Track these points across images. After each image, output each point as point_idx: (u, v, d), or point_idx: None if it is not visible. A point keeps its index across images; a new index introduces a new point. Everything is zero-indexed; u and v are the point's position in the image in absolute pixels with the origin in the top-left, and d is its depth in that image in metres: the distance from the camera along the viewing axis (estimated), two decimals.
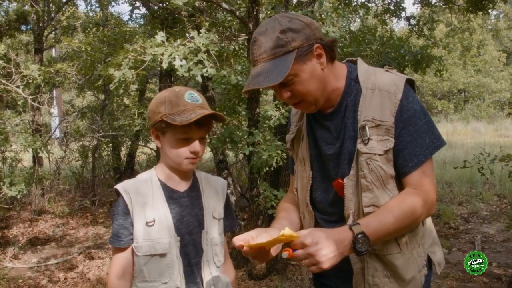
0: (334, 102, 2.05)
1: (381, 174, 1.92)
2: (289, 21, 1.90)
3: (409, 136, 1.92)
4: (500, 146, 13.68)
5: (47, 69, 7.12)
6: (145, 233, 2.09)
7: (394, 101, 1.92)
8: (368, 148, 1.91)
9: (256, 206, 5.99)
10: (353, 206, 1.98)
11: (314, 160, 2.16)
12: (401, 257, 1.98)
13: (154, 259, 2.09)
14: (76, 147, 11.15)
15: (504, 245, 7.46)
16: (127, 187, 2.14)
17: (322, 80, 1.96)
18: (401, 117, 1.92)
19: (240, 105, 6.24)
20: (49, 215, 9.64)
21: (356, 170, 1.96)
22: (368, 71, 2.05)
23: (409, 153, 1.92)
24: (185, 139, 2.10)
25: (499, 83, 33.28)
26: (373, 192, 1.93)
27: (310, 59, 1.91)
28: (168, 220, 2.12)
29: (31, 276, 6.57)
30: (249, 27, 5.60)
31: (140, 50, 4.88)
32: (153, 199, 2.14)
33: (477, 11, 8.33)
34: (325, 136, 2.10)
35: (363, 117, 1.94)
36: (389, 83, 1.96)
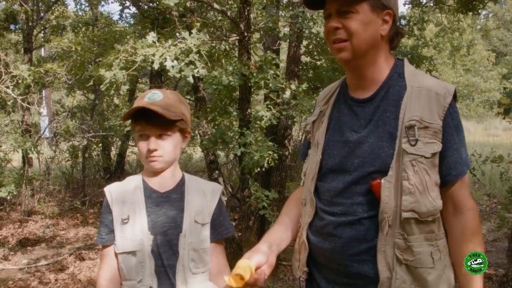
0: (371, 89, 1.97)
1: (426, 179, 1.81)
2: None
3: (457, 143, 1.86)
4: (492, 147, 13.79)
5: (37, 69, 7.09)
6: (121, 230, 2.11)
7: (443, 104, 1.84)
8: (415, 149, 1.80)
9: (247, 207, 5.99)
10: (390, 210, 1.82)
11: (330, 146, 2.03)
12: (434, 272, 1.85)
13: (129, 257, 2.10)
14: (66, 147, 11.10)
15: (494, 244, 7.50)
16: (112, 187, 2.20)
17: (374, 39, 1.90)
18: (450, 122, 1.85)
19: (231, 106, 6.24)
20: (39, 215, 9.60)
21: (397, 171, 1.83)
22: (415, 71, 1.98)
23: (454, 161, 1.85)
24: (141, 136, 2.12)
25: (488, 83, 33.47)
26: (415, 197, 1.80)
27: (377, 15, 1.88)
28: (142, 218, 2.12)
29: (21, 277, 6.55)
30: (240, 27, 5.59)
31: (131, 50, 4.86)
32: (132, 198, 2.15)
33: (467, 12, 8.35)
34: (352, 122, 1.99)
35: (409, 116, 1.83)
36: (439, 85, 1.89)
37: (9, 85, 6.89)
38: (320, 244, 2.00)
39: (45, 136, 11.67)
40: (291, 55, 6.73)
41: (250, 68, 5.36)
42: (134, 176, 2.27)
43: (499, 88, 31.10)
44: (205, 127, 6.32)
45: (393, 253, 1.82)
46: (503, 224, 5.96)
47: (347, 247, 1.90)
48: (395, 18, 1.92)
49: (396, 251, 1.82)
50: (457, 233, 1.89)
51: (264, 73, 5.36)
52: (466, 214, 1.87)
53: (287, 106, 5.84)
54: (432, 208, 1.81)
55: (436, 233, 1.87)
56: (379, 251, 1.84)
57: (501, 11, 39.05)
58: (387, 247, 1.83)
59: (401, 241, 1.82)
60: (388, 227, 1.82)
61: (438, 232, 1.88)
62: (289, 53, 6.85)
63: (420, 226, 1.82)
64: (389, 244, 1.83)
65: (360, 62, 1.94)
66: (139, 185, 2.19)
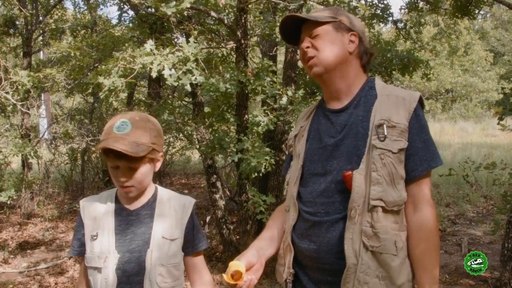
0: (345, 100, 2.19)
1: (392, 171, 1.98)
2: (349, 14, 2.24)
3: (422, 143, 2.03)
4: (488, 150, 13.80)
5: (36, 74, 7.13)
6: (90, 246, 2.18)
7: (408, 108, 2.04)
8: (383, 144, 1.99)
9: (245, 211, 6.04)
10: (359, 199, 1.98)
11: (310, 153, 2.21)
12: (397, 259, 1.99)
13: (95, 272, 2.16)
14: (65, 150, 11.13)
15: (490, 247, 7.54)
16: (86, 201, 2.27)
17: (342, 55, 2.15)
18: (414, 124, 2.04)
19: (228, 112, 6.29)
20: (38, 218, 9.65)
21: (367, 165, 2.00)
22: (385, 84, 2.22)
23: (420, 158, 2.02)
24: (114, 167, 2.13)
25: (486, 83, 33.46)
26: (382, 186, 1.97)
27: (342, 34, 2.16)
28: (110, 236, 2.17)
29: (21, 281, 6.59)
30: (237, 34, 5.65)
31: (129, 58, 4.91)
32: (103, 214, 2.21)
33: (463, 16, 8.41)
34: (329, 130, 2.18)
35: (379, 117, 2.04)
36: (405, 93, 2.11)
37: (8, 90, 6.93)
38: (305, 245, 2.13)
39: (45, 139, 11.70)
40: (288, 61, 6.79)
41: (247, 75, 5.42)
42: (110, 190, 2.31)
43: (497, 88, 31.17)
44: (203, 132, 6.37)
45: (360, 240, 1.97)
46: (497, 228, 6.02)
47: (332, 245, 2.04)
48: (361, 39, 2.19)
49: (363, 238, 1.97)
50: (415, 228, 2.03)
51: (261, 80, 5.42)
52: (425, 210, 2.02)
53: (284, 111, 5.89)
54: (398, 198, 1.99)
55: (400, 225, 2.02)
56: (346, 239, 1.99)
57: (499, 11, 39.03)
58: (355, 235, 1.98)
59: (368, 229, 1.97)
60: (356, 214, 1.99)
61: (401, 224, 2.03)
62: (286, 58, 6.90)
63: (386, 215, 1.99)
64: (357, 232, 1.98)
65: (332, 75, 2.18)
66: (112, 201, 2.25)
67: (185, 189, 12.60)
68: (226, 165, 10.62)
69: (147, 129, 2.15)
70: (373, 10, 8.47)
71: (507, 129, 5.19)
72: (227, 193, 8.36)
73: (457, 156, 14.09)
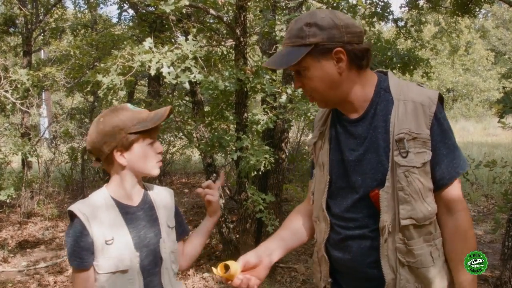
0: (361, 109, 2.06)
1: (419, 187, 1.92)
2: (322, 17, 1.94)
3: (446, 149, 1.96)
4: (489, 149, 13.78)
5: (35, 73, 7.12)
6: (105, 252, 2.12)
7: (428, 114, 1.94)
8: (406, 161, 1.91)
9: (244, 210, 6.03)
10: (389, 218, 1.95)
11: (334, 165, 2.15)
12: (434, 269, 1.99)
13: (116, 276, 2.13)
14: (65, 149, 11.13)
15: (491, 246, 7.52)
16: (82, 208, 2.14)
17: (334, 83, 1.99)
18: (436, 129, 1.95)
19: (228, 110, 6.28)
20: (38, 217, 9.64)
21: (392, 182, 1.94)
22: (400, 82, 2.07)
23: (446, 166, 1.96)
24: (151, 143, 2.21)
25: (487, 82, 33.45)
26: (411, 205, 1.92)
27: (327, 58, 1.94)
28: (126, 237, 2.17)
29: (21, 279, 6.58)
30: (236, 32, 5.63)
31: (128, 56, 4.90)
32: (109, 217, 2.17)
33: (463, 14, 8.39)
34: (348, 142, 2.09)
35: (398, 129, 1.94)
36: (423, 96, 1.98)
37: (8, 89, 6.93)
38: (340, 255, 2.14)
39: (45, 138, 11.70)
40: None
41: (246, 73, 5.40)
42: (97, 192, 2.25)
43: (498, 87, 31.13)
44: (202, 130, 6.36)
45: (395, 257, 1.97)
46: (498, 226, 6.01)
47: (365, 255, 2.04)
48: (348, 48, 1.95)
49: (398, 255, 1.96)
50: (450, 231, 2.01)
51: (260, 78, 5.40)
52: (458, 214, 1.99)
53: (284, 109, 5.88)
54: (428, 213, 1.95)
55: (434, 234, 2.00)
56: (382, 255, 1.99)
57: (500, 11, 39.02)
58: (390, 252, 1.98)
59: (402, 246, 1.96)
60: (388, 233, 1.96)
61: (435, 232, 2.01)
62: None
63: (418, 230, 1.96)
64: (391, 249, 1.97)
65: (337, 101, 2.08)
66: (110, 202, 2.21)
67: (185, 188, 12.59)
68: (226, 164, 10.62)
69: None
70: (373, 8, 8.44)
71: (507, 127, 5.19)
72: (227, 192, 8.36)
73: None
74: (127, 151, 2.17)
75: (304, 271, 6.61)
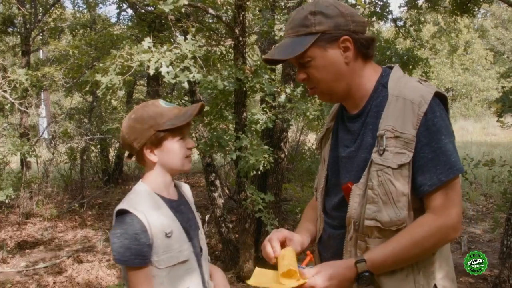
0: (360, 104, 1.98)
1: (390, 189, 1.80)
2: (327, 6, 1.87)
3: (432, 153, 1.80)
4: (488, 148, 13.78)
5: (34, 73, 7.12)
6: (165, 245, 2.11)
7: (417, 113, 1.81)
8: (381, 159, 1.81)
9: (244, 209, 6.02)
10: (356, 215, 1.88)
11: (331, 162, 2.10)
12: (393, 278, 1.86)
13: (176, 268, 2.14)
14: (64, 149, 11.13)
15: (490, 245, 7.54)
16: (135, 205, 2.11)
17: (341, 74, 1.91)
18: (424, 131, 1.80)
19: (227, 110, 6.27)
20: (37, 218, 9.63)
21: (366, 179, 1.86)
22: (400, 78, 1.95)
23: (429, 171, 1.80)
24: (181, 139, 2.19)
25: (486, 82, 33.48)
26: (378, 206, 1.82)
27: (333, 47, 1.87)
28: (179, 229, 2.19)
29: (20, 280, 6.57)
30: (235, 32, 5.63)
31: (127, 56, 4.90)
32: (162, 211, 2.17)
33: (462, 14, 8.40)
34: (345, 137, 2.04)
35: (383, 125, 1.84)
36: (415, 93, 1.85)
37: (6, 89, 6.92)
38: (325, 255, 2.10)
39: (44, 138, 11.69)
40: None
41: (245, 73, 5.40)
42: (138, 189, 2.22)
43: (497, 87, 31.17)
44: (201, 130, 6.36)
45: (355, 253, 1.89)
46: (497, 226, 6.02)
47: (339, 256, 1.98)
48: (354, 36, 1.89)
49: (358, 252, 1.89)
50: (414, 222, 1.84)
51: (259, 77, 5.40)
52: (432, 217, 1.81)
53: (283, 109, 5.88)
54: (396, 218, 1.82)
55: None
56: (345, 251, 1.95)
57: (499, 10, 39.04)
58: (352, 248, 1.92)
59: (362, 243, 1.89)
60: (353, 231, 1.90)
61: None
62: None
63: (382, 232, 1.85)
64: (354, 245, 1.91)
65: (341, 94, 1.98)
66: (157, 198, 2.20)
67: None
68: (225, 164, 10.62)
69: None
70: (372, 8, 8.44)
71: (506, 126, 5.19)
72: (226, 192, 8.36)
73: None
74: (157, 148, 2.16)
75: None
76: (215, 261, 7.06)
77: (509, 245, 5.37)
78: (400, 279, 1.87)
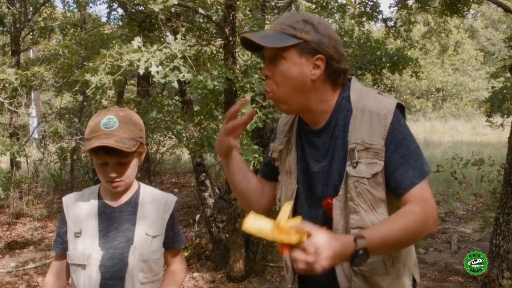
0: (322, 120, 2.03)
1: (369, 198, 1.90)
2: (320, 22, 1.95)
3: (401, 158, 1.89)
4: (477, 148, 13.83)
5: (24, 72, 7.09)
6: (73, 243, 2.20)
7: (384, 124, 1.89)
8: (356, 172, 1.89)
9: (234, 209, 6.02)
10: (341, 226, 1.94)
11: (301, 175, 2.13)
12: (387, 278, 1.97)
13: (78, 269, 2.19)
14: (55, 149, 11.09)
15: (480, 244, 7.58)
16: (68, 198, 2.28)
17: (303, 87, 1.94)
18: (391, 140, 1.89)
19: (217, 110, 6.27)
20: (27, 218, 9.61)
21: (345, 192, 1.93)
22: (361, 91, 2.02)
23: (400, 175, 1.88)
24: (102, 164, 2.14)
25: (476, 82, 33.64)
26: (360, 215, 1.89)
27: (307, 59, 1.91)
28: (93, 233, 2.20)
29: (9, 280, 6.56)
30: (225, 32, 5.63)
31: (116, 55, 4.89)
32: (86, 211, 2.23)
33: (452, 14, 8.43)
34: (312, 153, 2.07)
35: (353, 139, 1.91)
36: (379, 106, 1.93)
37: None
38: None
39: (34, 138, 11.65)
40: None
41: (235, 72, 5.40)
42: (92, 187, 2.32)
43: (487, 87, 31.31)
44: (191, 130, 6.35)
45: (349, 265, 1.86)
46: (486, 225, 6.05)
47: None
48: (329, 61, 1.93)
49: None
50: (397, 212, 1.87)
51: (249, 77, 5.40)
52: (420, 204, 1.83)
53: (273, 109, 5.88)
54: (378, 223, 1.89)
55: None
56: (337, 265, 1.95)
57: (489, 11, 39.23)
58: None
59: None
60: None
61: None
62: None
63: None
64: None
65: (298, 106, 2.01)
66: (95, 199, 2.26)
67: (175, 188, 12.57)
68: (215, 164, 10.60)
69: (134, 123, 2.19)
70: (363, 8, 8.46)
71: (495, 126, 5.22)
72: (216, 192, 8.34)
73: (447, 154, 14.12)
74: None
75: None
76: (205, 261, 7.06)
77: (498, 244, 5.40)
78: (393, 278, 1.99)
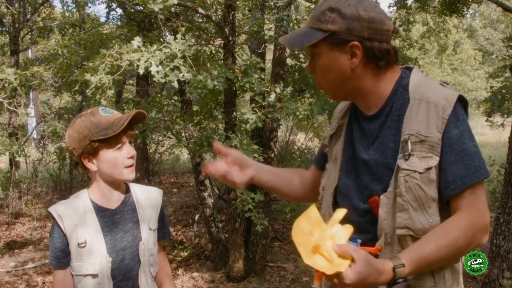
0: (375, 106, 1.89)
1: (419, 195, 1.71)
2: (349, 5, 1.77)
3: (455, 156, 1.71)
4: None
5: (23, 72, 7.08)
6: (77, 254, 2.15)
7: (442, 116, 1.73)
8: (407, 164, 1.73)
9: (233, 209, 6.02)
10: (388, 226, 1.77)
11: (345, 162, 1.99)
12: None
13: (87, 279, 2.16)
14: (54, 148, 11.09)
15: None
16: (60, 210, 2.18)
17: (345, 77, 1.84)
18: (448, 134, 1.72)
19: (217, 109, 6.27)
20: (26, 218, 9.60)
21: (394, 188, 1.76)
22: (421, 80, 1.86)
23: (451, 174, 1.71)
24: (118, 149, 2.15)
25: (475, 82, 33.63)
26: (409, 213, 1.72)
27: (341, 51, 1.80)
28: (99, 241, 2.18)
29: (9, 280, 6.55)
30: (225, 31, 5.63)
31: (116, 55, 4.88)
32: (85, 220, 2.18)
33: (451, 14, 8.43)
34: (361, 138, 1.94)
35: (407, 130, 1.76)
36: (439, 96, 1.76)
37: None
38: None
39: (33, 138, 11.65)
40: (276, 58, 6.76)
41: (235, 72, 5.40)
42: (79, 194, 2.28)
43: (486, 87, 31.32)
44: (191, 130, 6.34)
45: None
46: None
47: None
48: (365, 44, 1.78)
49: None
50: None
51: (249, 77, 5.40)
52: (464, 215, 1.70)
53: (273, 109, 5.88)
54: (428, 225, 1.72)
55: None
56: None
57: (487, 11, 39.23)
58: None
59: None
60: (387, 243, 1.78)
61: None
62: (274, 56, 6.87)
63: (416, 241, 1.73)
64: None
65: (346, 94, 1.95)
66: (89, 206, 2.22)
67: (174, 188, 12.57)
68: None
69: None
70: None
71: (495, 126, 5.22)
72: (216, 191, 8.34)
73: None
74: (94, 157, 2.15)
75: (293, 270, 6.62)
76: (204, 261, 7.05)
77: (498, 244, 5.40)
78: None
